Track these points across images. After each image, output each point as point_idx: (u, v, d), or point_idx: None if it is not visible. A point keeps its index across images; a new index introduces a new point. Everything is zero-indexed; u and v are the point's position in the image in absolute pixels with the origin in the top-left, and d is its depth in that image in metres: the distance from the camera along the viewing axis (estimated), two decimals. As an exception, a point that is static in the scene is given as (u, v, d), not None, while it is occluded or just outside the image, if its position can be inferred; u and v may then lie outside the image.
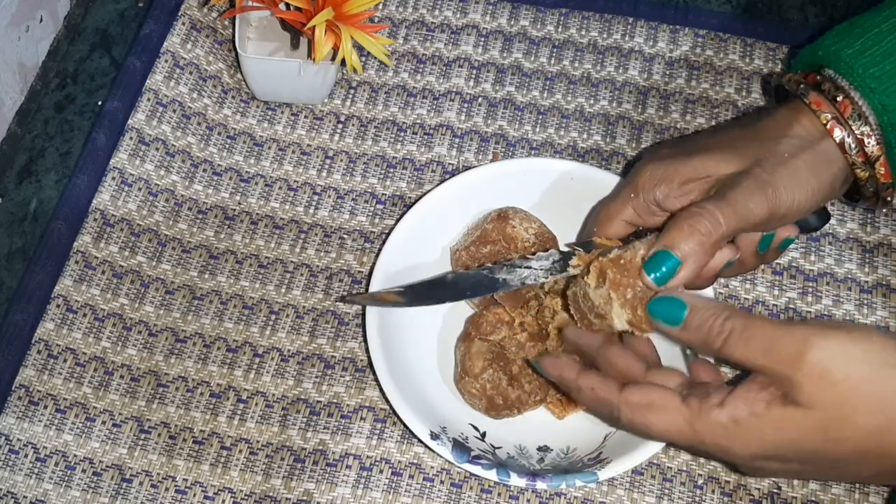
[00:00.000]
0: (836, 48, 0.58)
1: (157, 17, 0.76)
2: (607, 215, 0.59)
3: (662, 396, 0.50)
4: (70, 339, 0.65)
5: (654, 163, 0.58)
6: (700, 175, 0.56)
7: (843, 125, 0.56)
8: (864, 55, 0.57)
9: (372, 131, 0.74)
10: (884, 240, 0.69)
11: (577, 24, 0.78)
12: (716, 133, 0.59)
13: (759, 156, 0.55)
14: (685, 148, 0.58)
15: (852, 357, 0.46)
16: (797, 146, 0.56)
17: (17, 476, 0.61)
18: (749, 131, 0.58)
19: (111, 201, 0.69)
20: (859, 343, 0.46)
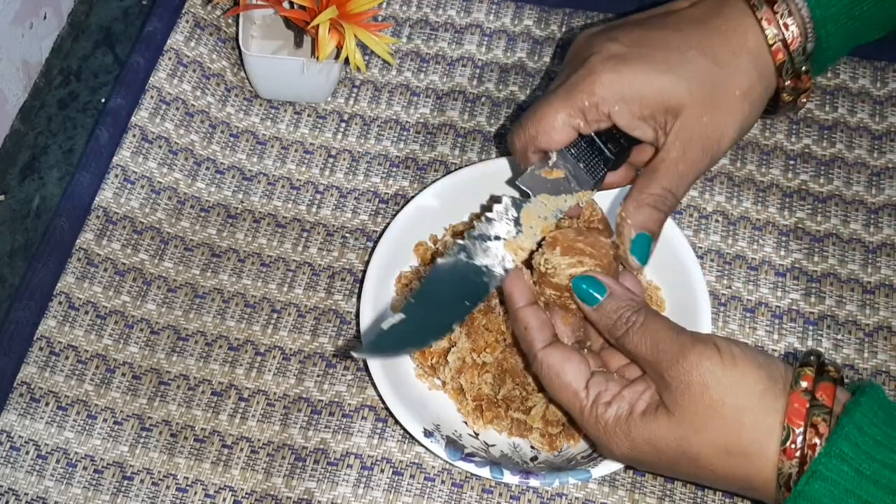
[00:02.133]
0: None
1: (160, 15, 0.76)
2: (554, 124, 0.58)
3: (575, 371, 0.54)
4: (72, 337, 0.65)
5: (610, 70, 0.56)
6: (658, 101, 0.56)
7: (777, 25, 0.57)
8: None
9: (375, 130, 0.74)
10: (887, 240, 0.69)
11: (581, 23, 0.78)
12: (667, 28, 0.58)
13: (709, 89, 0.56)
14: (640, 51, 0.57)
15: (718, 378, 0.50)
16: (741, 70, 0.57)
17: (18, 473, 0.61)
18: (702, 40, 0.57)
19: (114, 199, 0.69)
20: (728, 368, 0.50)
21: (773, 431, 0.49)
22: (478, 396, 0.62)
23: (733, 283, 0.68)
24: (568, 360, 0.54)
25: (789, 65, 0.58)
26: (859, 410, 0.48)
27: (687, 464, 0.52)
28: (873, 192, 0.70)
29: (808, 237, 0.69)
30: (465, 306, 0.56)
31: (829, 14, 0.57)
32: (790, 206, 0.70)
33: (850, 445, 0.47)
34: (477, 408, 0.62)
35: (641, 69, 0.56)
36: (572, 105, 0.57)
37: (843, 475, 0.47)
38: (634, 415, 0.52)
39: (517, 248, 0.57)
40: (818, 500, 0.47)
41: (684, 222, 0.69)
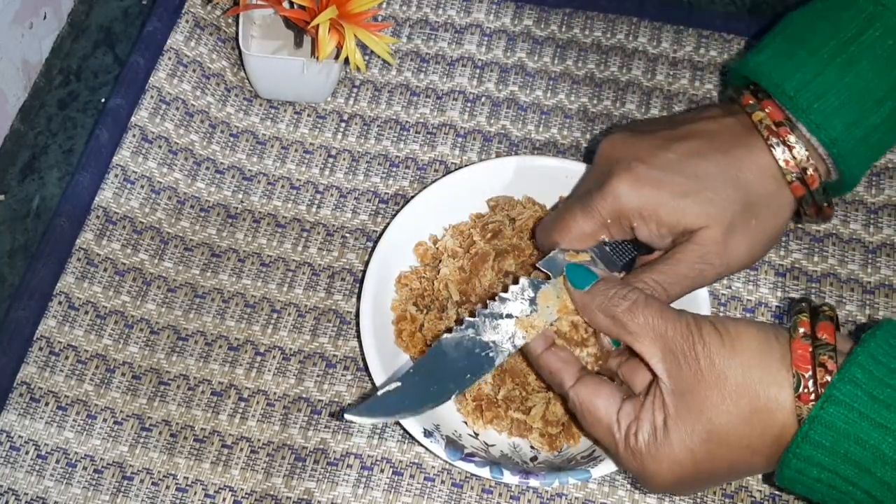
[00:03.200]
0: (777, 77, 0.59)
1: (160, 15, 0.76)
2: (579, 235, 0.59)
3: (605, 404, 0.54)
4: (72, 337, 0.65)
5: (630, 191, 0.58)
6: (674, 222, 0.57)
7: (796, 166, 0.58)
8: (807, 88, 0.58)
9: (375, 130, 0.74)
10: (886, 240, 0.69)
11: (581, 23, 0.78)
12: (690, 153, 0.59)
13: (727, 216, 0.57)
14: (661, 174, 0.58)
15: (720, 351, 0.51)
16: (761, 202, 0.58)
17: (17, 473, 0.61)
18: (723, 169, 0.58)
19: (114, 199, 0.69)
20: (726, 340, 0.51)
21: (783, 382, 0.50)
22: (478, 396, 0.62)
23: (733, 283, 0.68)
24: (597, 395, 0.54)
25: (809, 198, 0.59)
26: (874, 341, 0.49)
27: (724, 451, 0.51)
28: (873, 192, 0.70)
29: (808, 237, 0.69)
30: (466, 379, 0.56)
31: (846, 150, 0.58)
32: (790, 206, 0.70)
33: (863, 372, 0.48)
34: (477, 408, 0.62)
35: (660, 192, 0.57)
36: (594, 219, 0.58)
37: (856, 399, 0.48)
38: (658, 432, 0.52)
39: (529, 326, 0.57)
40: (832, 424, 0.48)
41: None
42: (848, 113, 0.58)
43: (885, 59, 0.58)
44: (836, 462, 0.48)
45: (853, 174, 0.59)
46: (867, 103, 0.58)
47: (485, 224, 0.66)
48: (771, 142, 0.58)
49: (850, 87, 0.58)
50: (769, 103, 0.59)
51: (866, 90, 0.58)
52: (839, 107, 0.57)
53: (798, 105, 0.58)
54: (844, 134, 0.58)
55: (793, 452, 0.49)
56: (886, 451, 0.47)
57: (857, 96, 0.58)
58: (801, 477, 0.50)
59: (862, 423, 0.48)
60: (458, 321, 0.63)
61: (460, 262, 0.64)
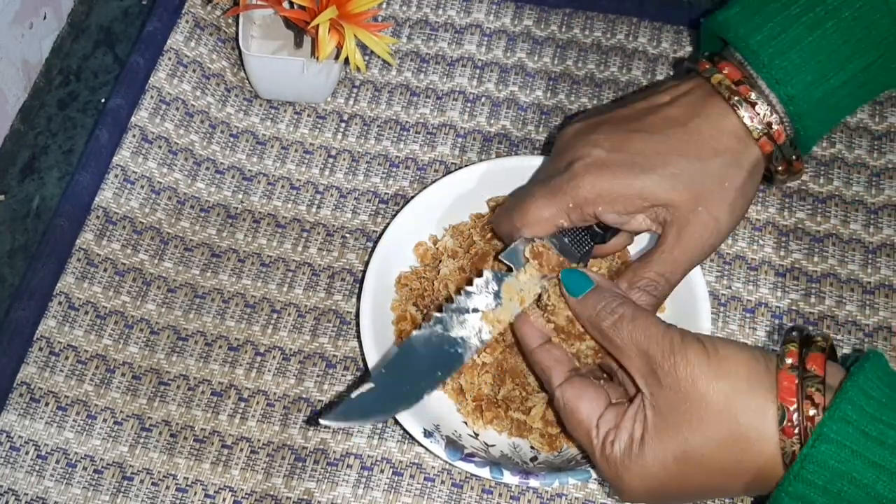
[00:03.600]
0: (743, 31, 0.58)
1: (160, 15, 0.76)
2: (539, 219, 0.59)
3: (588, 407, 0.54)
4: (72, 337, 0.65)
5: (591, 175, 0.57)
6: (643, 201, 0.57)
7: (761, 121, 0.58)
8: (771, 43, 0.58)
9: (375, 130, 0.74)
10: (886, 240, 0.69)
11: (581, 24, 0.78)
12: (647, 131, 0.59)
13: (697, 184, 0.57)
14: (620, 156, 0.58)
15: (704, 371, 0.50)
16: (728, 162, 0.58)
17: (17, 473, 0.61)
18: (683, 141, 0.58)
19: (114, 199, 0.69)
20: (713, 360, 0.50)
21: (767, 411, 0.49)
22: (478, 397, 0.62)
23: (733, 283, 0.68)
24: (581, 397, 0.54)
25: (778, 153, 0.59)
26: (863, 374, 0.49)
27: (698, 472, 0.51)
28: (873, 192, 0.70)
29: (808, 237, 0.69)
30: (436, 376, 0.57)
31: (803, 109, 0.58)
32: (790, 207, 0.70)
33: (854, 408, 0.48)
34: (477, 408, 0.62)
35: (621, 173, 0.57)
36: (556, 205, 0.58)
37: (848, 437, 0.47)
38: (635, 443, 0.52)
39: (495, 321, 0.57)
40: (824, 463, 0.47)
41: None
42: (808, 71, 0.57)
43: (851, 20, 0.58)
44: (830, 501, 0.48)
45: (809, 135, 0.59)
46: (829, 64, 0.57)
47: (485, 224, 0.66)
48: (733, 101, 0.58)
49: (813, 46, 0.57)
50: (725, 65, 0.59)
51: (830, 51, 0.57)
52: (800, 64, 0.57)
53: (760, 60, 0.58)
54: (803, 92, 0.57)
55: (784, 491, 0.49)
56: (881, 490, 0.47)
57: (819, 56, 0.57)
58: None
59: (855, 461, 0.47)
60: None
61: (460, 262, 0.64)
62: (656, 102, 0.60)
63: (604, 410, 0.54)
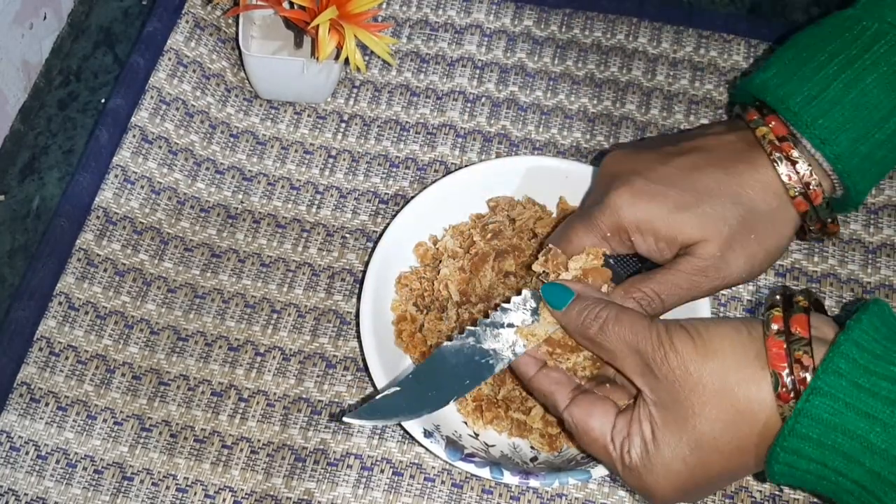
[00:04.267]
0: (783, 94, 0.59)
1: (160, 15, 0.76)
2: (581, 248, 0.59)
3: (599, 424, 0.54)
4: (72, 337, 0.65)
5: (627, 205, 0.58)
6: (671, 236, 0.58)
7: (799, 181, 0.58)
8: (811, 104, 0.58)
9: (375, 130, 0.74)
10: (886, 240, 0.69)
11: (581, 24, 0.78)
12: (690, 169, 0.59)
13: (726, 230, 0.57)
14: (659, 189, 0.58)
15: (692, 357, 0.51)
16: (760, 217, 0.58)
17: (18, 473, 0.61)
18: (721, 183, 0.58)
19: (114, 199, 0.69)
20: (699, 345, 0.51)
21: (761, 380, 0.50)
22: (478, 397, 0.62)
23: (733, 284, 0.68)
24: (591, 415, 0.54)
25: (813, 214, 0.59)
26: (858, 327, 0.49)
27: (716, 457, 0.51)
28: (873, 192, 0.70)
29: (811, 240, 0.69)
30: (464, 384, 0.57)
31: (851, 167, 0.58)
32: (790, 207, 0.70)
33: (846, 362, 0.48)
34: (477, 408, 0.62)
35: (657, 205, 0.58)
36: (594, 233, 0.59)
37: (841, 389, 0.48)
38: (649, 446, 0.52)
39: (529, 335, 0.57)
40: (818, 416, 0.48)
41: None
42: (853, 129, 0.57)
43: (891, 75, 0.58)
44: (824, 454, 0.48)
45: (858, 190, 0.59)
46: (872, 119, 0.58)
47: (485, 224, 0.66)
48: (774, 157, 0.58)
49: (854, 103, 0.57)
50: (773, 118, 0.59)
51: (871, 106, 0.57)
52: (844, 122, 0.57)
53: (802, 121, 0.58)
54: (849, 150, 0.57)
55: (780, 446, 0.49)
56: (874, 440, 0.47)
57: (861, 112, 0.57)
58: (791, 470, 0.50)
59: (848, 413, 0.48)
60: (459, 324, 0.63)
61: (460, 262, 0.64)
62: (701, 144, 0.60)
63: (615, 421, 0.54)
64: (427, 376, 0.57)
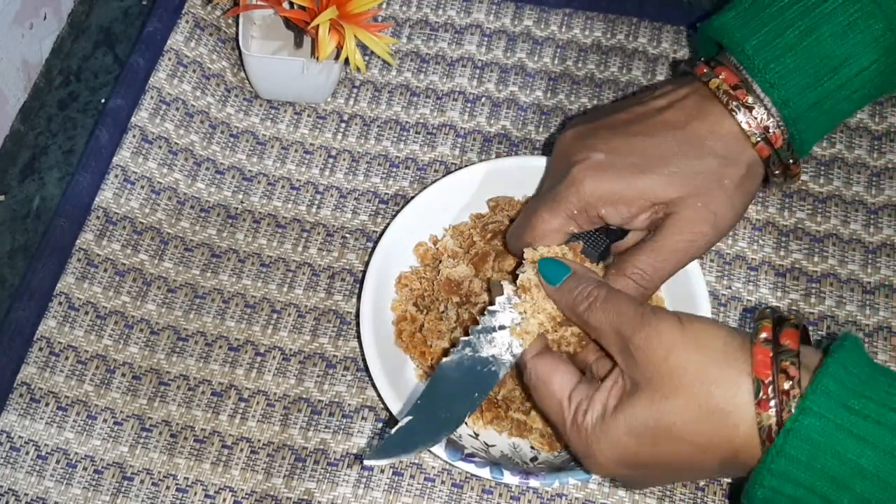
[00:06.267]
0: (739, 36, 0.59)
1: (160, 16, 0.76)
2: (547, 231, 0.59)
3: (561, 379, 0.54)
4: (72, 337, 0.65)
5: (591, 178, 0.58)
6: (645, 201, 0.58)
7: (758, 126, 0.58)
8: (766, 48, 0.58)
9: (375, 130, 0.74)
10: (886, 240, 0.69)
11: (581, 24, 0.78)
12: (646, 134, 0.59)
13: (696, 182, 0.57)
14: (619, 158, 0.58)
15: (677, 341, 0.50)
16: (726, 162, 0.58)
17: (18, 474, 0.61)
18: (682, 143, 0.58)
19: (114, 199, 0.69)
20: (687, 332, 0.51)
21: (742, 385, 0.49)
22: None
23: (733, 283, 0.68)
24: (556, 370, 0.55)
25: (775, 157, 0.59)
26: (843, 351, 0.49)
27: (669, 443, 0.50)
28: (873, 192, 0.70)
29: (808, 237, 0.69)
30: (474, 397, 0.56)
31: (798, 113, 0.58)
32: (790, 207, 0.70)
33: (835, 383, 0.47)
34: None
35: (621, 174, 0.58)
36: (561, 213, 0.59)
37: (830, 410, 0.47)
38: (608, 413, 0.52)
39: (523, 333, 0.57)
40: (807, 437, 0.47)
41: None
42: (803, 75, 0.58)
43: (846, 26, 0.58)
44: (813, 478, 0.47)
45: (804, 139, 0.59)
46: (823, 68, 0.58)
47: (485, 224, 0.66)
48: (731, 106, 0.58)
49: (808, 50, 0.58)
50: (723, 69, 0.59)
51: (824, 55, 0.58)
52: (795, 68, 0.58)
53: (755, 65, 0.58)
54: (798, 96, 0.58)
55: (767, 469, 0.48)
56: (865, 464, 0.46)
57: (814, 60, 0.58)
58: (776, 496, 0.49)
59: (839, 435, 0.47)
60: (459, 324, 0.63)
61: (460, 262, 0.64)
62: (654, 107, 0.61)
63: (576, 383, 0.54)
64: (435, 398, 0.56)
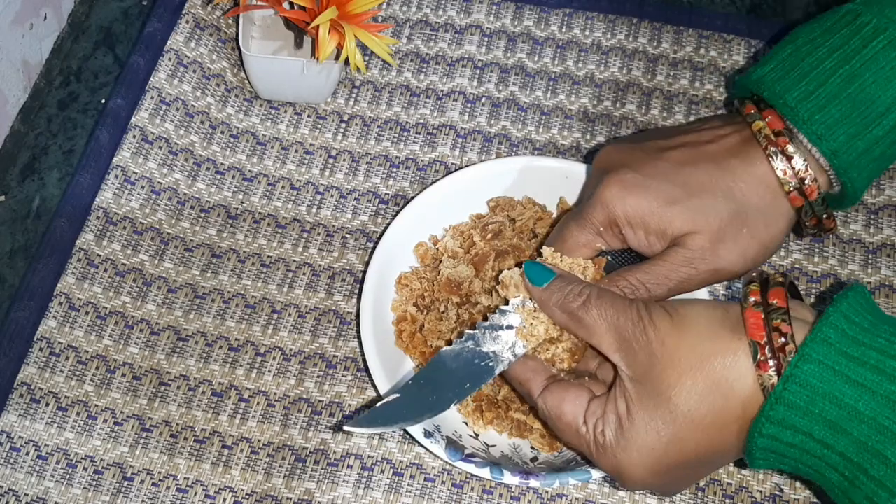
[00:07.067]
0: (780, 89, 0.58)
1: (160, 16, 0.76)
2: (576, 245, 0.59)
3: (572, 407, 0.54)
4: (72, 337, 0.65)
5: (616, 198, 0.58)
6: (661, 229, 0.58)
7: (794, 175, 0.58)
8: (808, 99, 0.57)
9: (375, 131, 0.74)
10: (887, 241, 0.69)
11: (581, 24, 0.78)
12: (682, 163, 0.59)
13: (716, 222, 0.57)
14: (650, 182, 0.58)
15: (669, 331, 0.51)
16: (754, 211, 0.58)
17: (18, 474, 0.61)
18: (714, 178, 0.58)
19: (114, 199, 0.69)
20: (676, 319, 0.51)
21: (738, 352, 0.50)
22: (478, 397, 0.62)
23: (734, 283, 0.68)
24: (564, 400, 0.54)
25: (808, 209, 0.59)
26: (846, 302, 0.49)
27: (691, 431, 0.51)
28: (873, 192, 0.70)
29: (808, 237, 0.69)
30: (465, 388, 0.57)
31: (848, 163, 0.58)
32: (790, 207, 0.70)
33: (835, 332, 0.48)
34: (477, 408, 0.62)
35: (646, 199, 0.57)
36: (588, 228, 0.59)
37: (830, 357, 0.48)
38: (623, 421, 0.52)
39: (529, 335, 0.57)
40: (806, 382, 0.48)
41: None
42: (850, 124, 0.57)
43: (889, 70, 0.57)
44: (811, 423, 0.48)
45: (855, 187, 0.59)
46: (870, 115, 0.57)
47: (485, 225, 0.66)
48: (769, 151, 0.58)
49: (852, 98, 0.57)
50: (770, 112, 0.59)
51: (869, 102, 0.57)
52: (841, 118, 0.57)
53: (799, 116, 0.57)
54: (846, 145, 0.57)
55: (765, 416, 0.49)
56: (862, 408, 0.47)
57: (859, 108, 0.57)
58: (774, 444, 0.49)
59: (836, 380, 0.47)
60: (459, 324, 0.63)
61: (460, 262, 0.64)
62: (697, 139, 0.60)
63: (588, 405, 0.54)
64: (427, 381, 0.57)
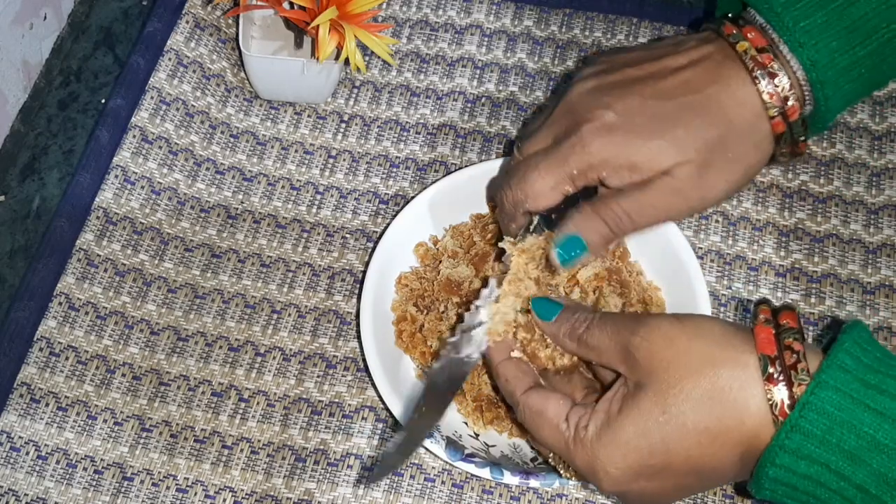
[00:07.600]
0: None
1: (160, 16, 0.76)
2: (544, 189, 0.57)
3: (555, 406, 0.53)
4: (72, 337, 0.65)
5: (600, 140, 0.56)
6: (648, 166, 0.56)
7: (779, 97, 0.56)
8: (795, 6, 0.56)
9: (375, 131, 0.74)
10: (887, 240, 0.69)
11: (581, 24, 0.78)
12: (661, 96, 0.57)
13: (701, 150, 0.56)
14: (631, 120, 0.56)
15: (677, 333, 0.50)
16: (737, 135, 0.56)
17: (18, 474, 0.61)
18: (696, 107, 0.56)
19: (114, 199, 0.69)
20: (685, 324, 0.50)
21: (748, 363, 0.48)
22: (478, 397, 0.62)
23: (733, 284, 0.68)
24: (549, 398, 0.53)
25: (788, 134, 0.57)
26: (856, 331, 0.48)
27: (683, 436, 0.49)
28: (873, 192, 0.70)
29: (809, 237, 0.69)
30: (447, 398, 0.57)
31: (826, 77, 0.56)
32: (790, 207, 0.70)
33: (851, 359, 0.47)
34: (477, 408, 0.62)
35: (631, 138, 0.56)
36: (562, 172, 0.57)
37: (847, 384, 0.46)
38: (611, 418, 0.50)
39: (495, 333, 0.57)
40: (823, 410, 0.46)
41: (684, 223, 0.69)
42: (834, 37, 0.55)
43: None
44: (828, 453, 0.46)
45: (829, 106, 0.57)
46: (856, 33, 0.55)
47: (485, 225, 0.66)
48: (755, 73, 0.56)
49: (840, 11, 0.55)
50: (750, 29, 0.57)
51: (857, 18, 0.55)
52: (825, 28, 0.55)
53: (784, 22, 0.55)
54: (827, 58, 0.55)
55: (780, 445, 0.47)
56: (882, 438, 0.45)
57: (846, 23, 0.55)
58: (787, 475, 0.47)
59: (855, 408, 0.46)
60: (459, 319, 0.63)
61: (460, 262, 0.64)
62: (672, 65, 0.58)
63: (572, 406, 0.53)
64: (428, 405, 0.57)
